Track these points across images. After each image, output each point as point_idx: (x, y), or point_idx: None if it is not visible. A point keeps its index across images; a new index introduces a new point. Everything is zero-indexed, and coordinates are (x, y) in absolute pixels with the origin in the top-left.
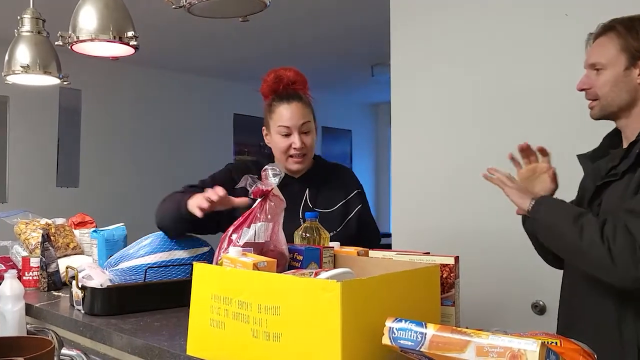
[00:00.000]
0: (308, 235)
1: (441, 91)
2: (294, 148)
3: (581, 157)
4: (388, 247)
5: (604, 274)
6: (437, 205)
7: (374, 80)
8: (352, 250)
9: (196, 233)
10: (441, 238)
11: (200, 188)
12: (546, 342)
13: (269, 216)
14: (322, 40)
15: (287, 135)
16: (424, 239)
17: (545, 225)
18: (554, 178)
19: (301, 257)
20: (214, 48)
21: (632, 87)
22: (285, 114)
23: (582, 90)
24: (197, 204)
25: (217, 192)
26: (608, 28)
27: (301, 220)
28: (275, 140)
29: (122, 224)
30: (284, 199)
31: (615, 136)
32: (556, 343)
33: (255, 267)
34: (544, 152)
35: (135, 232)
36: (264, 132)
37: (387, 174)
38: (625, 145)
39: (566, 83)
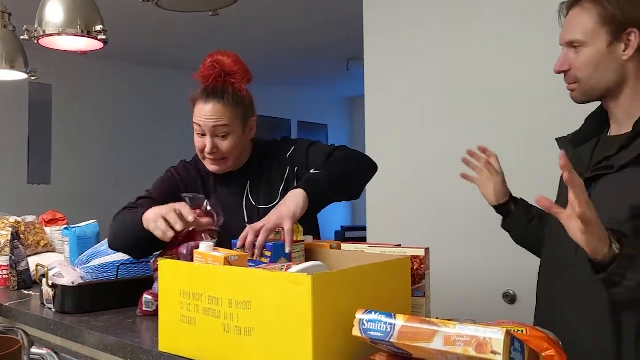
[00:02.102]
0: (280, 229)
1: (414, 85)
2: (206, 151)
3: (561, 141)
4: (363, 239)
5: None
6: (411, 198)
7: (349, 74)
8: (324, 243)
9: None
10: (415, 230)
11: (151, 198)
12: (512, 330)
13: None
14: (297, 34)
15: (202, 134)
16: (398, 231)
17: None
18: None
19: (270, 253)
20: (186, 42)
21: (618, 65)
22: (200, 112)
23: (560, 72)
24: (162, 230)
25: (186, 218)
26: None
27: (246, 221)
28: (195, 136)
29: (95, 220)
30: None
31: (598, 116)
32: (522, 331)
33: (227, 261)
34: (484, 150)
35: (107, 229)
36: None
37: None
38: (614, 129)
39: (540, 74)
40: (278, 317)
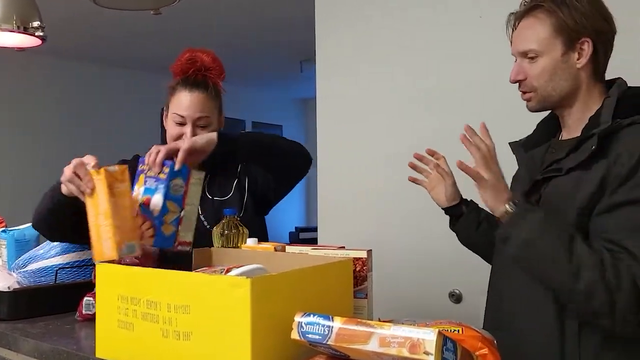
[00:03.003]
0: (227, 232)
1: (366, 86)
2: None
3: (513, 145)
4: (314, 241)
5: (600, 321)
6: (360, 199)
7: (303, 75)
8: (268, 246)
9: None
10: (364, 231)
11: None
12: (447, 330)
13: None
14: (250, 35)
15: (181, 124)
16: (348, 232)
17: (527, 246)
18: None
19: (167, 170)
20: (133, 40)
21: (572, 74)
22: (183, 102)
23: (516, 81)
24: (75, 185)
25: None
26: (535, 6)
27: (201, 216)
28: (169, 125)
29: None
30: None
31: (551, 121)
32: (458, 331)
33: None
34: (432, 153)
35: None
36: (164, 113)
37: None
38: (565, 134)
39: (494, 77)
40: (217, 321)
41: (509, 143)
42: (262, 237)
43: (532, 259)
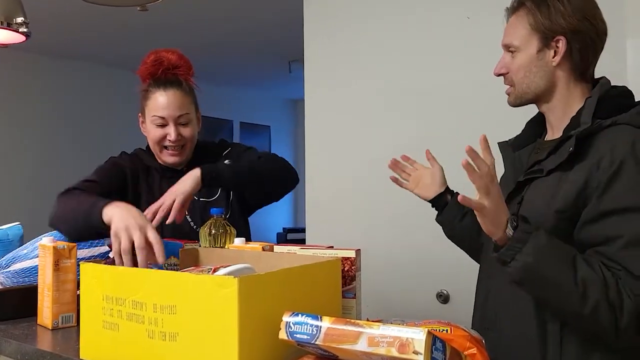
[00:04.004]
0: (214, 231)
1: (353, 87)
2: (169, 140)
3: (502, 145)
4: (302, 242)
5: (605, 340)
6: (348, 199)
7: (291, 76)
8: (256, 245)
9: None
10: (352, 232)
11: (97, 183)
12: (436, 330)
13: None
14: (239, 35)
15: (162, 125)
16: (336, 233)
17: (529, 271)
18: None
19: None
20: (123, 40)
21: (547, 72)
22: (161, 102)
23: (499, 75)
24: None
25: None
26: (519, 4)
27: (187, 216)
28: (149, 129)
29: (18, 222)
30: None
31: (538, 122)
32: (446, 330)
33: None
34: (407, 159)
35: (32, 231)
36: (140, 119)
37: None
38: (550, 134)
39: (482, 77)
40: (204, 322)
41: (498, 143)
42: (246, 237)
43: (535, 283)
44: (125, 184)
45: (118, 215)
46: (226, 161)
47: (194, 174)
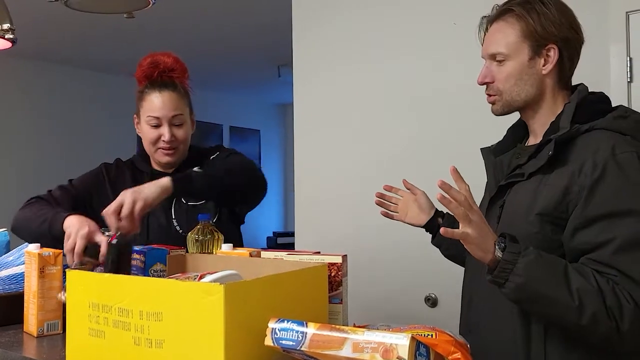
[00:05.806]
0: (201, 237)
1: (343, 92)
2: (163, 140)
3: (484, 151)
4: (292, 246)
5: (610, 346)
6: (337, 204)
7: (281, 80)
8: (244, 251)
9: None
10: (341, 236)
11: (71, 190)
12: (421, 335)
13: None
14: (228, 40)
15: (157, 126)
16: (324, 237)
17: (523, 291)
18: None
19: (144, 259)
20: (111, 45)
21: (538, 79)
22: (155, 103)
23: (483, 84)
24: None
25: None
26: (506, 11)
27: (174, 220)
28: (144, 130)
29: (5, 229)
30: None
31: (519, 127)
32: (431, 335)
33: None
34: (390, 188)
35: (18, 238)
36: (135, 121)
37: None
38: (532, 139)
39: (470, 83)
40: (190, 329)
41: (481, 149)
42: (237, 242)
43: (531, 302)
44: (99, 192)
45: (74, 222)
46: (196, 168)
47: (164, 183)
